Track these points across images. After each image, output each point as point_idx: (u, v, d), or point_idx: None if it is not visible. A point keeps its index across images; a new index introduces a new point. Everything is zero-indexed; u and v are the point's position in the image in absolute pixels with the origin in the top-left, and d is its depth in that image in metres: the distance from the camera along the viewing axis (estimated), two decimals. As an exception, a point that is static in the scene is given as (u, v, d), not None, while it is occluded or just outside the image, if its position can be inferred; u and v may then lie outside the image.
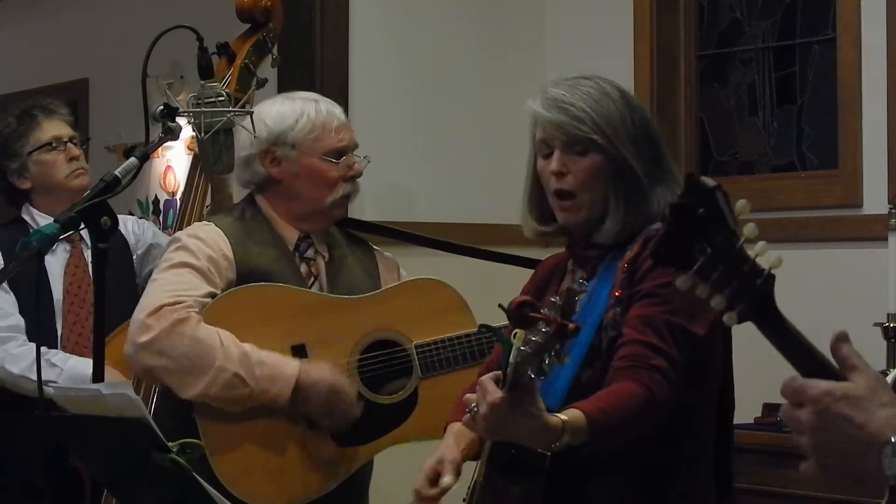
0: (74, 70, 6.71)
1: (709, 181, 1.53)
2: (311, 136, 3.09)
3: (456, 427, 2.52)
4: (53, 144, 3.72)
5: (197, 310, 2.91)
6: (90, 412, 2.15)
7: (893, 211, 3.90)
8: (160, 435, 2.07)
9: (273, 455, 2.98)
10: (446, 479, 2.43)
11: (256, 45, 3.42)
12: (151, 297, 2.94)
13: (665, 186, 2.39)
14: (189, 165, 3.55)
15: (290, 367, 2.94)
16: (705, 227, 1.53)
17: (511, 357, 2.03)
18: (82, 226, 2.43)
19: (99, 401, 2.10)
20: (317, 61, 4.64)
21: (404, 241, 3.50)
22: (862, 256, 4.24)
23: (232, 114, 2.84)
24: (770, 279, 1.54)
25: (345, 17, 4.69)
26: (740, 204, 1.56)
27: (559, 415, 2.13)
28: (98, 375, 2.41)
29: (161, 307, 2.88)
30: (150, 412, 2.61)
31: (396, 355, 3.11)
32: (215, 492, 2.08)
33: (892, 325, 3.83)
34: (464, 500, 2.42)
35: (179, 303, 2.90)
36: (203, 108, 2.91)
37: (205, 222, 3.14)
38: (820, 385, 1.57)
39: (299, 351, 3.02)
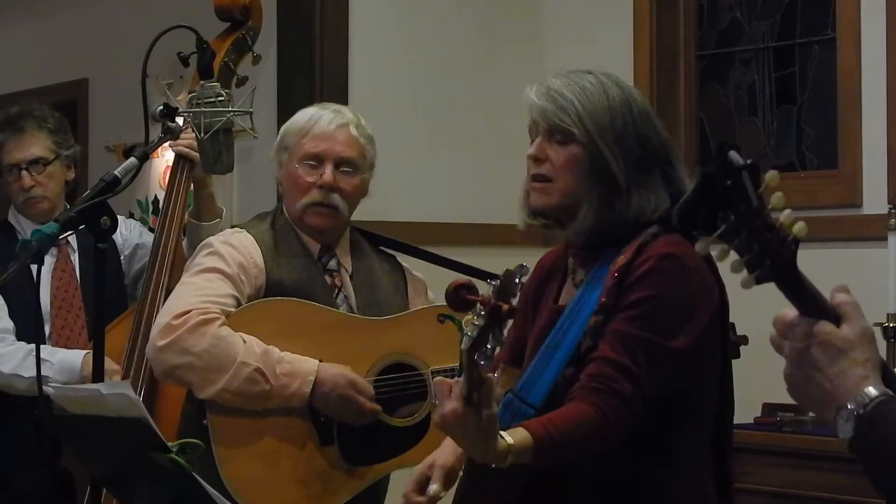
0: (74, 70, 6.71)
1: (738, 159, 1.54)
2: (296, 141, 3.10)
3: None
4: (6, 173, 3.70)
5: (223, 316, 2.93)
6: (90, 412, 2.15)
7: (893, 211, 3.90)
8: (160, 435, 2.07)
9: (283, 468, 2.98)
10: (433, 487, 2.44)
11: (236, 43, 3.41)
12: (181, 300, 2.96)
13: (653, 191, 2.36)
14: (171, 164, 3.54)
15: (310, 363, 2.96)
16: (730, 197, 1.54)
17: (461, 345, 2.04)
18: (82, 226, 2.42)
19: (99, 401, 2.10)
20: (317, 61, 4.64)
21: (416, 257, 3.48)
22: (862, 256, 4.25)
23: (231, 114, 2.84)
24: (793, 245, 1.55)
25: (345, 17, 4.70)
26: (770, 175, 1.56)
27: (507, 437, 2.13)
28: (98, 375, 2.41)
29: (190, 311, 2.90)
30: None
31: (412, 379, 3.11)
32: (215, 492, 2.08)
33: (892, 325, 3.84)
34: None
35: (206, 308, 2.92)
36: (202, 108, 2.91)
37: (237, 229, 3.15)
38: (806, 325, 1.59)
39: None
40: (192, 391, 2.97)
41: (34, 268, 2.36)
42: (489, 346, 2.01)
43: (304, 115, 3.15)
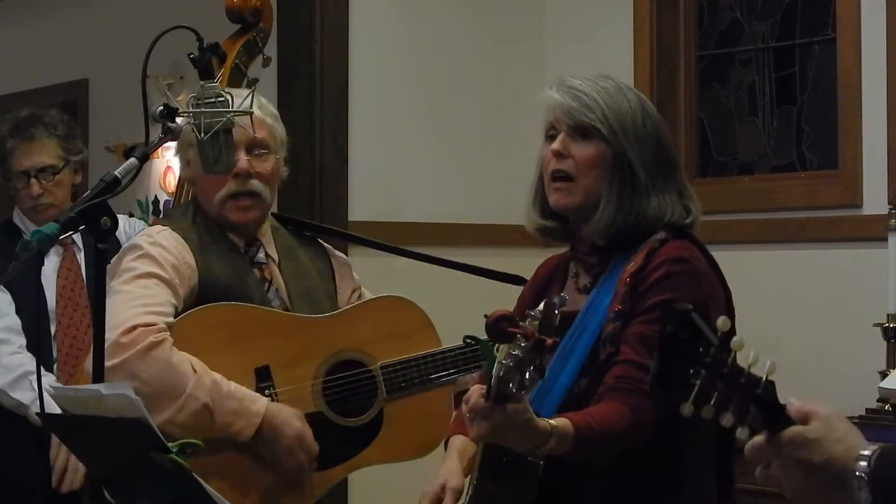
0: (74, 70, 6.72)
1: (682, 304, 1.56)
2: None
3: (458, 442, 2.53)
4: (14, 179, 3.69)
5: (169, 332, 2.79)
6: (90, 412, 2.15)
7: (893, 211, 3.90)
8: (160, 435, 2.07)
9: (237, 481, 2.86)
10: None
11: (247, 45, 3.41)
12: (122, 313, 2.76)
13: (668, 195, 2.39)
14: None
15: (258, 405, 2.83)
16: (694, 352, 1.54)
17: (493, 371, 2.04)
18: (82, 226, 2.42)
19: (99, 401, 2.10)
20: (317, 61, 4.64)
21: (370, 246, 3.46)
22: (862, 256, 4.25)
23: (231, 114, 2.83)
24: (770, 386, 1.56)
25: (345, 17, 4.70)
26: (721, 321, 1.58)
27: (549, 420, 2.15)
28: (98, 376, 2.41)
29: (135, 327, 2.75)
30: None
31: (362, 376, 3.04)
32: (215, 492, 2.08)
33: (892, 325, 3.84)
34: None
35: (153, 324, 2.77)
36: (203, 109, 2.91)
37: (160, 227, 3.03)
38: (777, 440, 1.60)
39: (263, 372, 2.92)
40: None
41: (42, 268, 2.35)
42: (527, 377, 2.02)
43: None
